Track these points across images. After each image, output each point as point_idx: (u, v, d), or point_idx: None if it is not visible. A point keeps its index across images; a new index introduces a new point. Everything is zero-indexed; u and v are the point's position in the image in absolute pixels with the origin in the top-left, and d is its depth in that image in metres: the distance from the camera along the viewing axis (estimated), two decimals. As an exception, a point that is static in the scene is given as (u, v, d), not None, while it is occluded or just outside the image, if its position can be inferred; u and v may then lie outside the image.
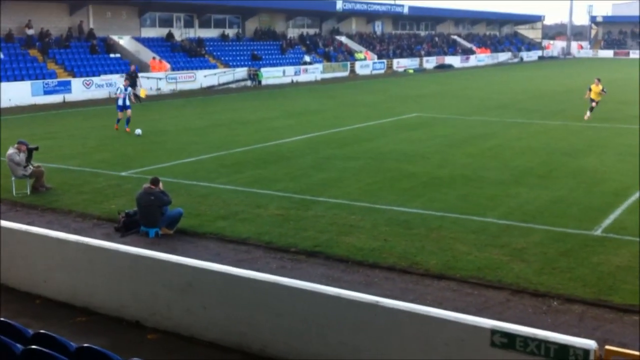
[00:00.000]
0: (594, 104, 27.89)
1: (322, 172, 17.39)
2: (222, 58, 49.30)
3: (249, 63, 50.37)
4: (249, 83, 48.06)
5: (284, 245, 11.38)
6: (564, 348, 6.00)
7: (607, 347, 5.98)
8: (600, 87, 28.09)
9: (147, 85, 39.83)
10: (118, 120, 24.62)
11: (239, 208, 13.73)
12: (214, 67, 47.57)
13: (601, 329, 8.22)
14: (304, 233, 11.99)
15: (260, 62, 51.05)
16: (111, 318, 8.63)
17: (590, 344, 5.95)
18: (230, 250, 11.28)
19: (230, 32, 55.19)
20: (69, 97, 36.14)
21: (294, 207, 13.74)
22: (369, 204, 13.91)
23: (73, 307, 8.97)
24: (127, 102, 24.29)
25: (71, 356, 5.14)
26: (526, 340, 6.18)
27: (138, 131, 23.26)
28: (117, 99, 24.89)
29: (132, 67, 37.25)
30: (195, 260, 8.41)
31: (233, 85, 46.67)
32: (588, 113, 27.72)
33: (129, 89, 24.96)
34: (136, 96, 31.30)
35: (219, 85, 45.98)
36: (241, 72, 48.69)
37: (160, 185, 12.22)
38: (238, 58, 50.55)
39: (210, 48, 50.03)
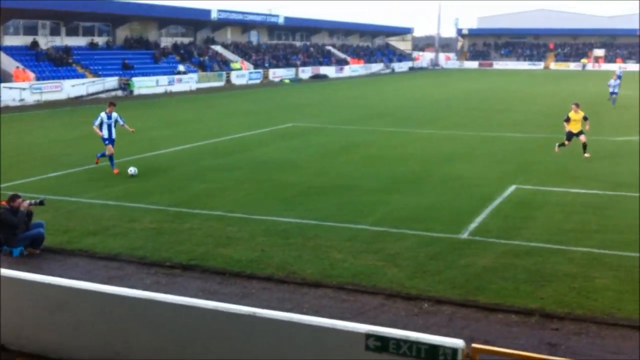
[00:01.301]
0: (582, 137, 20.82)
1: (199, 183, 17.14)
2: (91, 67, 47.61)
3: (120, 72, 48.95)
4: (120, 93, 46.66)
5: (158, 260, 11.10)
6: (434, 348, 6.21)
7: (474, 345, 6.26)
8: (581, 114, 21.02)
9: (9, 95, 37.66)
10: (112, 160, 18.35)
11: (111, 223, 13.25)
12: (82, 76, 45.84)
13: (469, 328, 8.60)
14: (179, 246, 11.75)
15: (132, 72, 49.73)
16: (-27, 344, 8.06)
17: (458, 343, 6.20)
18: (101, 268, 10.86)
19: (100, 40, 53.41)
20: None
21: (169, 220, 13.44)
22: (247, 215, 13.86)
23: None
24: (113, 135, 18.39)
25: None
26: (398, 342, 6.35)
27: (132, 170, 17.93)
28: (100, 134, 18.36)
29: None
30: (63, 280, 8.02)
31: (103, 95, 45.14)
32: (556, 147, 21.41)
33: (114, 115, 18.38)
34: None
35: (88, 95, 44.36)
36: (111, 81, 47.22)
37: (21, 202, 11.51)
38: (108, 67, 48.99)
39: (78, 57, 48.18)
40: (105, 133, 18.23)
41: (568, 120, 21.15)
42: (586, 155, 20.63)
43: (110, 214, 13.99)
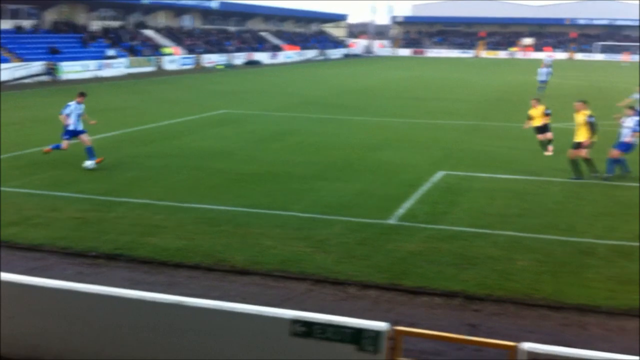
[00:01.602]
0: (549, 134, 20.20)
1: (126, 171, 16.81)
2: (17, 51, 45.94)
3: (47, 57, 47.41)
4: (46, 78, 45.20)
5: (82, 250, 10.84)
6: (358, 331, 6.32)
7: (396, 327, 6.39)
8: (541, 108, 20.47)
9: None
10: (57, 147, 17.43)
11: (33, 212, 12.85)
12: (7, 60, 44.18)
13: (394, 311, 8.76)
14: (104, 236, 11.50)
15: (59, 56, 48.24)
16: None
17: (382, 325, 6.33)
18: (21, 258, 10.52)
19: (27, 24, 51.56)
20: None
21: (95, 210, 13.14)
22: (175, 203, 13.68)
23: None
24: (80, 126, 17.35)
25: None
26: (323, 327, 6.43)
27: (89, 164, 16.84)
28: (66, 123, 17.17)
29: None
30: (-21, 271, 7.74)
31: (28, 80, 43.68)
32: (550, 148, 19.95)
33: (83, 106, 17.44)
34: None
35: (13, 80, 42.80)
36: (37, 66, 45.69)
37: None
38: (34, 51, 47.38)
39: (4, 40, 46.40)
40: (72, 123, 17.11)
41: (530, 118, 20.56)
42: (547, 152, 19.81)
43: (32, 203, 13.57)
